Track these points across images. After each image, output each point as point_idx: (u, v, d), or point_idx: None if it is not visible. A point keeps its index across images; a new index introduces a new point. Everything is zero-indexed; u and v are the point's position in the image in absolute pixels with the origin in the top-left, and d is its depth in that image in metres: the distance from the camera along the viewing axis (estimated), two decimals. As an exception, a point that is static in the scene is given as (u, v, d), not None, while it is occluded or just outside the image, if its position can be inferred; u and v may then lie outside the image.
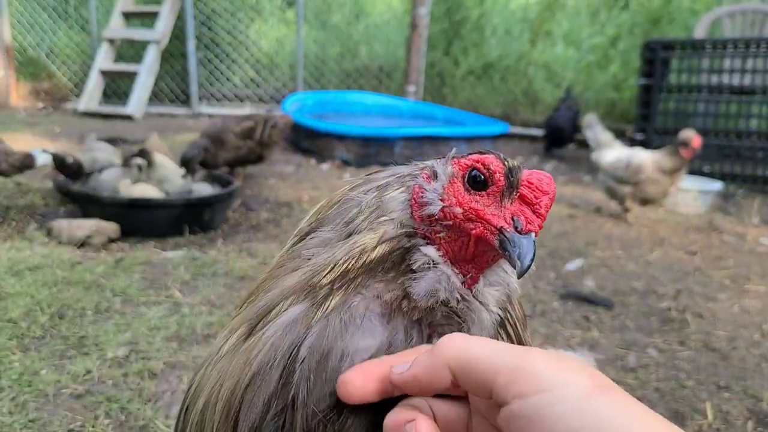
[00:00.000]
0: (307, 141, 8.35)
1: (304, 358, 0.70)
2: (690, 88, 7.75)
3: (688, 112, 7.88)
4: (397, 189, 0.80)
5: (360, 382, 0.67)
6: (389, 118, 9.98)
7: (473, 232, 0.74)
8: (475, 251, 0.76)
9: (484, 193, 0.75)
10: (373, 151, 7.84)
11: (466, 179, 0.76)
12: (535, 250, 0.69)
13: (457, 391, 0.66)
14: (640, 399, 2.32)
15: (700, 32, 8.73)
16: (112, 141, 6.73)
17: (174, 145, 7.16)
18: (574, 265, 4.45)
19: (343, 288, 0.74)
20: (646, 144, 7.74)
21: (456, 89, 12.10)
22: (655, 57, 7.63)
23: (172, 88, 12.32)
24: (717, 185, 6.55)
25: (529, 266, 0.68)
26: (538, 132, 10.17)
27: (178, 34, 11.74)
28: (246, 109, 11.18)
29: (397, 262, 0.75)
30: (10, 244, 4.13)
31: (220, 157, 5.95)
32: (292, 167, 7.47)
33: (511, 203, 0.74)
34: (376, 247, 0.74)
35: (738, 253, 5.00)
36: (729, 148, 7.69)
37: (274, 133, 6.25)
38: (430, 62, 11.91)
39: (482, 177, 0.75)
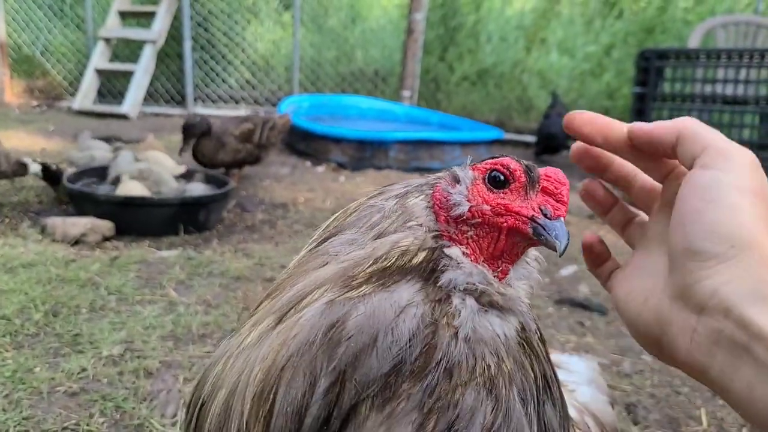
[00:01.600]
0: (303, 143, 8.35)
1: (351, 335, 0.71)
2: (683, 98, 7.79)
3: (681, 121, 7.91)
4: (418, 197, 0.83)
5: (588, 117, 0.91)
6: (384, 122, 9.98)
7: (504, 225, 0.78)
8: (505, 245, 0.80)
9: (507, 190, 0.80)
10: (368, 154, 7.84)
11: (487, 180, 0.81)
12: (568, 232, 0.75)
13: (663, 160, 0.88)
14: (634, 405, 2.33)
15: (693, 42, 8.78)
16: (107, 140, 6.72)
17: (169, 146, 7.14)
18: (568, 270, 4.47)
19: (382, 282, 0.75)
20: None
21: (451, 95, 12.12)
22: (650, 66, 7.67)
23: (167, 88, 12.29)
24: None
25: (567, 245, 0.74)
26: (532, 138, 10.17)
27: (174, 35, 11.72)
28: (241, 111, 11.17)
29: (432, 269, 0.77)
30: (3, 241, 4.11)
31: (218, 158, 5.93)
32: (288, 169, 7.47)
33: (536, 195, 0.79)
34: (417, 252, 0.77)
35: (730, 261, 5.03)
36: (722, 158, 7.72)
37: (272, 135, 6.26)
38: (426, 67, 11.93)
39: (502, 176, 0.80)
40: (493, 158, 0.83)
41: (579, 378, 1.36)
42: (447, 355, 0.73)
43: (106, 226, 4.33)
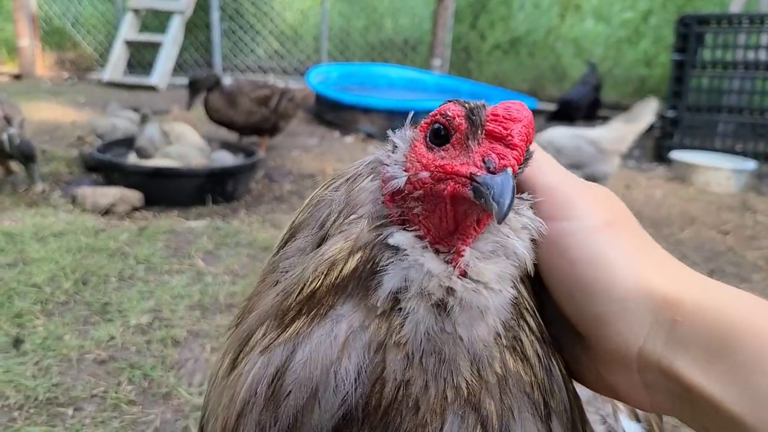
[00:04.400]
0: (331, 113, 8.27)
1: (289, 392, 0.63)
2: (724, 65, 7.51)
3: (721, 89, 7.67)
4: (367, 177, 0.71)
5: None
6: (414, 91, 9.84)
7: (445, 192, 0.62)
8: (456, 216, 0.64)
9: (448, 146, 0.65)
10: (397, 124, 7.73)
11: (427, 138, 0.66)
12: (514, 185, 0.58)
13: None
14: None
15: (735, 7, 8.45)
16: (136, 110, 6.72)
17: (200, 117, 7.12)
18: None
19: (314, 313, 0.65)
20: (677, 121, 7.56)
21: (482, 64, 11.91)
22: (689, 32, 7.40)
23: (195, 59, 12.27)
24: (751, 164, 6.37)
25: (509, 206, 0.56)
26: (567, 108, 10.02)
27: (202, 5, 11.66)
28: (270, 82, 11.11)
29: (371, 271, 0.65)
30: (35, 211, 4.14)
31: (229, 115, 5.94)
32: (316, 139, 7.41)
33: (479, 144, 0.63)
34: (348, 258, 0.65)
35: (772, 233, 4.86)
36: (764, 127, 7.47)
37: (290, 107, 6.22)
38: (456, 36, 11.71)
39: (443, 128, 0.65)
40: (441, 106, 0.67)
41: None
42: (402, 385, 0.61)
43: (135, 196, 4.34)
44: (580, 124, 9.17)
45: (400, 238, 0.64)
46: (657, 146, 7.74)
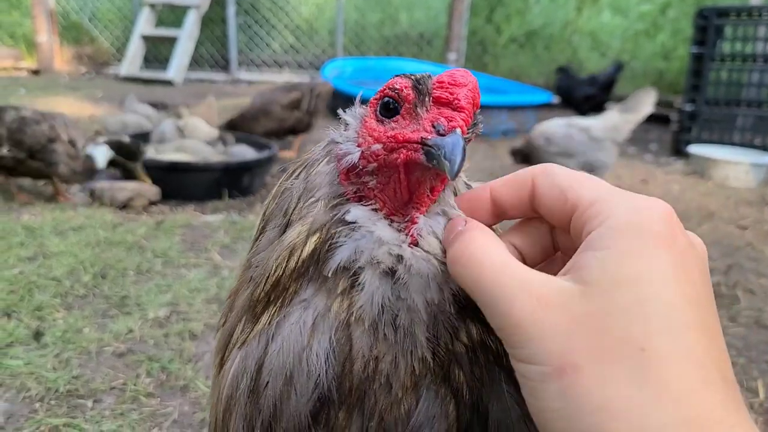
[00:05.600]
0: (346, 107, 8.27)
1: (267, 383, 0.65)
2: (744, 57, 7.42)
3: (741, 83, 7.56)
4: (322, 161, 0.72)
5: (466, 197, 0.68)
6: (429, 85, 9.81)
7: (398, 161, 0.64)
8: (410, 185, 0.66)
9: (398, 117, 0.66)
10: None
11: (378, 112, 0.67)
12: (464, 145, 0.59)
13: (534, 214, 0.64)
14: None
15: (756, -1, 8.34)
16: (153, 105, 6.77)
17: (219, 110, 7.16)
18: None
19: (281, 302, 0.67)
20: (695, 115, 7.48)
21: (498, 57, 11.85)
22: (709, 24, 7.31)
23: (211, 53, 12.33)
24: (770, 159, 6.30)
25: (461, 162, 0.57)
26: (582, 102, 9.99)
27: (218, -1, 11.72)
28: (285, 76, 11.14)
29: (328, 250, 0.66)
30: (54, 205, 4.19)
31: (261, 125, 5.94)
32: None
33: (428, 112, 0.64)
34: (306, 241, 0.66)
35: (792, 229, 4.81)
36: (784, 121, 7.38)
37: (319, 102, 6.24)
38: (472, 29, 11.66)
39: (392, 100, 0.66)
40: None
41: None
42: (371, 361, 0.62)
43: (152, 190, 4.37)
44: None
45: (356, 212, 0.65)
46: (675, 140, 7.66)
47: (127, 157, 4.32)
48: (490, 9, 11.92)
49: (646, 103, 5.09)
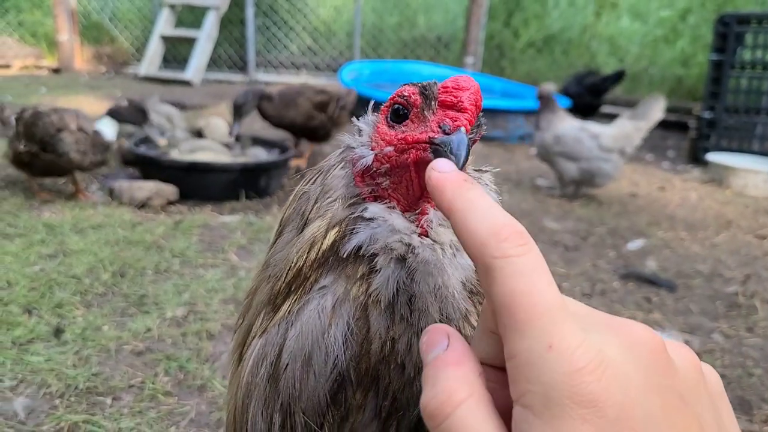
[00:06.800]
0: (364, 111, 8.28)
1: (287, 365, 0.69)
2: (764, 65, 7.35)
3: (761, 90, 7.49)
4: (338, 166, 0.77)
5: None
6: (446, 89, 9.80)
7: (409, 160, 0.69)
8: (421, 182, 0.70)
9: (408, 121, 0.72)
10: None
11: (389, 118, 0.73)
12: (468, 143, 0.65)
13: None
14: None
15: (778, 6, 8.26)
16: (175, 105, 6.82)
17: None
18: (635, 245, 4.31)
19: (301, 290, 0.71)
20: (714, 123, 7.42)
21: (515, 61, 11.82)
22: (729, 31, 7.26)
23: (230, 54, 12.41)
24: (790, 167, 6.23)
25: (466, 156, 0.63)
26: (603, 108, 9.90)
27: (237, 1, 11.78)
28: (302, 77, 11.18)
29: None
30: (74, 203, 4.24)
31: (287, 116, 5.89)
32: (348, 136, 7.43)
33: (434, 114, 0.69)
34: (326, 234, 0.71)
35: (812, 239, 4.75)
36: (804, 129, 7.30)
37: (343, 114, 6.17)
38: (490, 33, 11.64)
39: (401, 107, 0.72)
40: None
41: None
42: (387, 342, 0.67)
43: (170, 190, 4.41)
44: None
45: (374, 209, 0.70)
46: (693, 148, 7.61)
47: (132, 122, 4.40)
48: (508, 13, 11.90)
49: (656, 110, 5.06)
